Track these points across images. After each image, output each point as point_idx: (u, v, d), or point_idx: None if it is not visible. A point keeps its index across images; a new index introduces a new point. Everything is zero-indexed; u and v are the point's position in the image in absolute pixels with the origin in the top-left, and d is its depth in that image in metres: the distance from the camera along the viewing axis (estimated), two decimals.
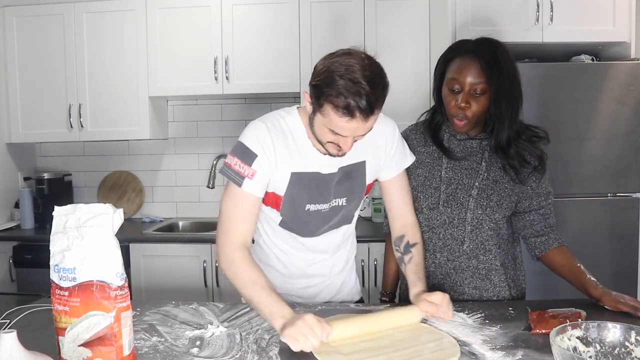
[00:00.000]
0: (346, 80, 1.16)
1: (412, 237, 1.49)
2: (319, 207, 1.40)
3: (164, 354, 1.14)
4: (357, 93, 1.15)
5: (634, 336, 1.03)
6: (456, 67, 1.44)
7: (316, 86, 1.21)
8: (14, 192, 3.22)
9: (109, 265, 0.97)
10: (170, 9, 2.97)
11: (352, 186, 1.43)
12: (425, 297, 1.31)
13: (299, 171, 1.35)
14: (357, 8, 2.90)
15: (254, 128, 1.35)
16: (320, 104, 1.21)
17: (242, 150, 1.33)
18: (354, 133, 1.22)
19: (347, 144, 1.25)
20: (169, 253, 2.81)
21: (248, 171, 1.31)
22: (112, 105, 3.05)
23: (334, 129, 1.22)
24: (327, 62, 1.21)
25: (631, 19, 2.50)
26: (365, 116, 1.18)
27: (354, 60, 1.19)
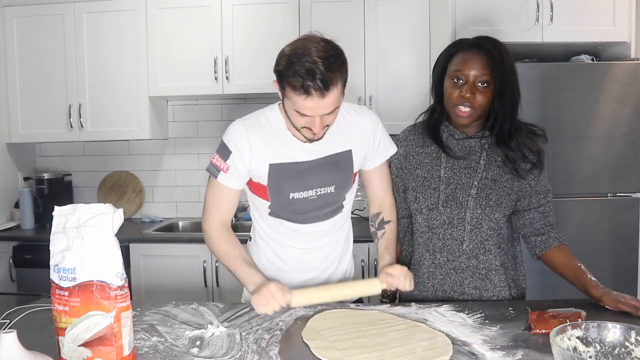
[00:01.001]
0: (301, 62, 1.25)
1: (387, 215, 1.59)
2: (304, 194, 1.46)
3: (164, 354, 1.14)
4: (311, 72, 1.23)
5: (634, 336, 1.03)
6: (460, 60, 1.46)
7: (278, 72, 1.31)
8: (14, 192, 3.22)
9: (109, 265, 0.97)
10: (170, 9, 2.97)
11: (340, 174, 1.49)
12: (385, 269, 1.45)
13: (277, 162, 1.44)
14: (357, 8, 2.90)
15: (233, 127, 1.49)
16: (284, 88, 1.30)
17: (221, 147, 1.47)
18: (317, 112, 1.29)
19: (315, 124, 1.31)
20: (169, 253, 2.81)
21: (223, 165, 1.45)
22: (112, 105, 3.04)
23: (298, 109, 1.29)
24: (286, 49, 1.32)
25: (631, 19, 2.50)
26: (322, 93, 1.25)
27: (310, 44, 1.28)
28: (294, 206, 1.48)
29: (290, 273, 1.56)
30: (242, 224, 3.21)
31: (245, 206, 3.29)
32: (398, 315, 1.36)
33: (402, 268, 1.44)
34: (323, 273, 1.59)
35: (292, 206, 1.48)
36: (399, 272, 1.42)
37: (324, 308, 1.42)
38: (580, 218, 2.46)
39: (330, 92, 1.26)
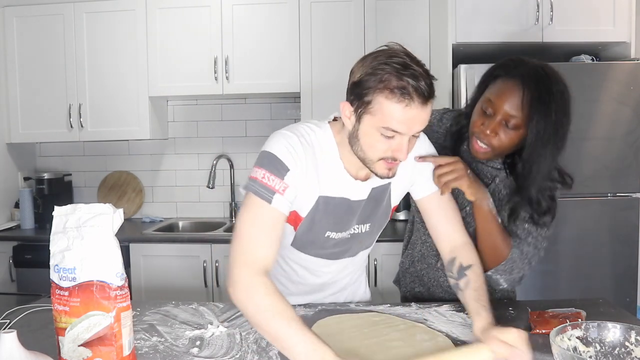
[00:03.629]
0: (395, 65, 1.04)
1: (465, 258, 1.28)
2: (339, 235, 1.28)
3: (164, 354, 1.14)
4: (412, 74, 1.03)
5: (634, 336, 1.03)
6: (497, 89, 1.25)
7: (359, 83, 1.08)
8: (14, 192, 3.22)
9: (109, 265, 0.97)
10: (170, 9, 2.97)
11: (377, 211, 1.31)
12: (496, 334, 1.04)
13: (327, 195, 1.21)
14: (357, 8, 2.89)
15: (285, 137, 1.17)
16: (368, 101, 1.06)
17: (272, 162, 1.14)
18: (411, 127, 1.06)
19: (403, 147, 1.08)
20: (169, 253, 2.81)
21: (279, 185, 1.13)
22: (112, 105, 3.04)
23: (389, 124, 1.05)
24: (366, 59, 1.10)
25: (631, 19, 2.50)
26: (424, 100, 1.04)
27: (397, 50, 1.09)
28: (323, 244, 1.29)
29: (304, 295, 1.42)
30: None
31: None
32: (398, 316, 1.36)
33: (519, 333, 1.03)
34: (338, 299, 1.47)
35: (321, 244, 1.29)
36: (515, 340, 1.02)
37: (324, 310, 1.42)
38: (580, 218, 2.46)
39: (430, 102, 1.06)
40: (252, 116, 3.31)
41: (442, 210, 1.33)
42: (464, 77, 2.40)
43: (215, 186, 3.12)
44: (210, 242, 2.79)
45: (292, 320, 1.01)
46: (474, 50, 2.58)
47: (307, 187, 1.19)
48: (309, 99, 2.93)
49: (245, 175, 3.32)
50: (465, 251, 1.31)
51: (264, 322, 1.04)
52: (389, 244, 2.69)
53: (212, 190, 3.22)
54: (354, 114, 1.11)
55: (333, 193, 1.22)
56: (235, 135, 3.33)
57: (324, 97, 2.92)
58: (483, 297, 1.20)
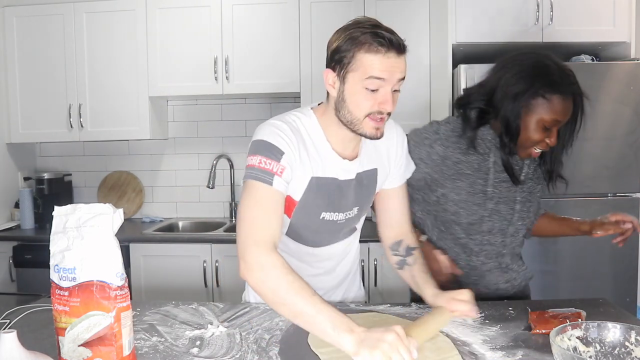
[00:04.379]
0: (368, 25, 1.16)
1: (411, 241, 1.45)
2: (335, 216, 1.33)
3: (164, 354, 1.14)
4: (385, 29, 1.15)
5: (634, 336, 1.03)
6: (559, 107, 1.33)
7: (337, 49, 1.18)
8: (14, 192, 3.22)
9: (109, 265, 0.97)
10: (170, 9, 2.97)
11: (364, 194, 1.38)
12: (453, 296, 1.24)
13: (319, 176, 1.26)
14: (357, 8, 2.90)
15: (273, 125, 1.23)
16: (349, 61, 1.16)
17: (267, 148, 1.20)
18: (392, 73, 1.15)
19: (387, 98, 1.16)
20: (169, 253, 2.81)
21: (277, 167, 1.18)
22: (112, 105, 3.04)
23: (370, 73, 1.14)
24: (339, 30, 1.20)
25: (631, 19, 2.50)
26: (399, 50, 1.15)
27: (362, 18, 1.20)
28: (319, 227, 1.33)
29: None
30: None
31: None
32: (397, 316, 1.36)
33: (469, 292, 1.25)
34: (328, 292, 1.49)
35: (317, 227, 1.33)
36: (469, 297, 1.23)
37: None
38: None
39: (404, 54, 1.17)
40: (252, 116, 3.31)
41: (402, 202, 1.46)
42: (464, 77, 2.40)
43: (215, 186, 3.12)
44: (210, 242, 2.79)
45: (313, 296, 1.03)
46: (474, 50, 2.58)
47: (299, 169, 1.24)
48: (309, 99, 2.93)
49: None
50: (411, 237, 1.46)
51: (284, 299, 1.05)
52: None
53: (212, 190, 3.22)
54: (337, 78, 1.20)
55: (323, 173, 1.27)
56: (235, 135, 3.33)
57: (324, 97, 2.91)
58: (428, 271, 1.39)
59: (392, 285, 2.69)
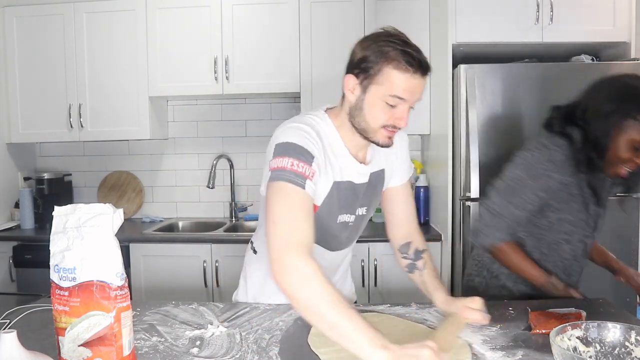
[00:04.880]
0: (399, 42, 1.17)
1: (419, 244, 1.47)
2: (347, 217, 1.36)
3: (164, 354, 1.14)
4: (414, 49, 1.17)
5: (634, 336, 1.03)
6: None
7: (365, 58, 1.18)
8: (14, 192, 3.22)
9: (109, 265, 0.97)
10: (170, 9, 2.97)
11: (372, 194, 1.41)
12: (467, 303, 1.26)
13: (339, 180, 1.29)
14: (357, 8, 2.90)
15: (300, 128, 1.21)
16: (375, 73, 1.17)
17: (298, 150, 1.17)
18: (413, 94, 1.18)
19: (404, 115, 1.19)
20: (169, 253, 2.81)
21: (309, 171, 1.16)
22: (112, 105, 3.04)
23: (395, 92, 1.16)
24: (368, 38, 1.22)
25: (631, 19, 2.50)
26: (424, 72, 1.17)
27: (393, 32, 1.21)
28: (334, 230, 1.35)
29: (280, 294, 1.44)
30: (241, 225, 3.21)
31: (246, 206, 3.30)
32: (397, 316, 1.36)
33: (480, 300, 1.27)
34: None
35: (332, 230, 1.35)
36: (482, 305, 1.26)
37: None
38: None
39: (427, 75, 1.19)
40: (252, 116, 3.31)
41: (407, 200, 1.49)
42: (464, 77, 2.40)
43: (215, 186, 3.12)
44: (210, 242, 2.79)
45: (349, 309, 1.00)
46: (474, 50, 2.58)
47: (323, 174, 1.24)
48: (309, 99, 2.93)
49: (245, 175, 3.33)
50: (419, 238, 1.48)
51: (320, 309, 1.01)
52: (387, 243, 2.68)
53: (212, 190, 3.22)
54: (359, 86, 1.21)
55: (342, 177, 1.30)
56: (235, 135, 3.33)
57: (324, 97, 2.92)
58: (438, 276, 1.42)
59: (392, 285, 2.69)
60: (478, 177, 2.39)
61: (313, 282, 1.03)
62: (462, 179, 2.44)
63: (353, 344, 0.97)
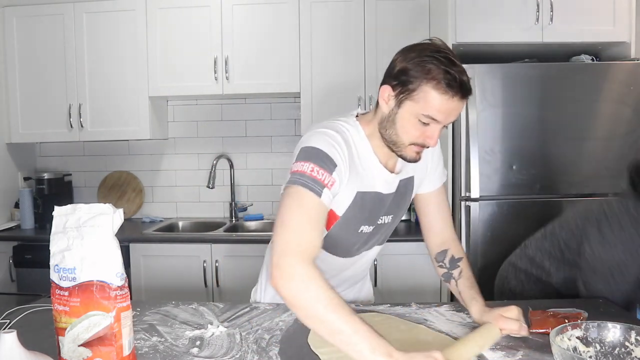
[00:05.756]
0: (443, 59, 1.10)
1: (456, 251, 1.40)
2: (368, 228, 1.32)
3: (164, 354, 1.14)
4: (458, 70, 1.10)
5: (634, 336, 1.03)
6: None
7: (404, 70, 1.13)
8: (14, 192, 3.22)
9: (109, 265, 0.97)
10: (170, 9, 2.97)
11: (400, 203, 1.36)
12: (501, 313, 1.18)
13: (364, 190, 1.24)
14: (357, 8, 2.89)
15: (327, 134, 1.18)
16: (413, 89, 1.12)
17: (320, 157, 1.14)
18: (448, 117, 1.14)
19: (435, 135, 1.16)
20: (169, 253, 2.81)
21: (328, 180, 1.13)
22: (112, 105, 3.04)
23: (429, 112, 1.12)
24: (411, 49, 1.16)
25: (631, 19, 2.50)
26: (464, 94, 1.12)
27: (441, 46, 1.15)
28: (355, 239, 1.32)
29: None
30: (241, 225, 3.21)
31: (246, 206, 3.30)
32: (397, 316, 1.36)
33: (518, 309, 1.20)
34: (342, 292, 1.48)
35: (354, 239, 1.32)
36: (518, 314, 1.18)
37: None
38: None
39: (468, 97, 1.15)
40: (252, 116, 3.31)
41: (440, 206, 1.43)
42: None
43: (215, 186, 3.12)
44: (210, 242, 2.78)
45: (352, 315, 0.98)
46: (474, 50, 2.58)
47: (347, 183, 1.20)
48: (309, 99, 2.93)
49: (245, 175, 3.33)
50: (455, 245, 1.41)
51: (321, 315, 0.99)
52: (390, 243, 2.67)
53: (212, 190, 3.22)
54: (395, 98, 1.17)
55: (368, 188, 1.25)
56: (235, 135, 3.33)
57: (324, 97, 2.92)
58: (475, 285, 1.32)
59: (392, 285, 2.69)
60: (478, 177, 2.40)
61: (314, 287, 1.01)
62: (462, 179, 2.44)
63: (355, 350, 0.95)
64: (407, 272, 2.66)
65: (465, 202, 2.44)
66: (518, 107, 2.41)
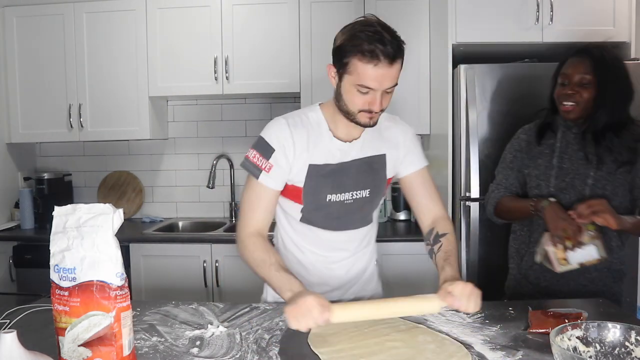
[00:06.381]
0: (367, 32, 1.24)
1: (441, 227, 1.45)
2: (340, 197, 1.43)
3: (164, 354, 1.14)
4: (379, 40, 1.23)
5: (634, 336, 1.03)
6: (567, 65, 1.65)
7: (339, 47, 1.28)
8: (14, 192, 3.22)
9: (109, 265, 0.97)
10: (170, 9, 2.97)
11: (374, 178, 1.46)
12: (445, 285, 1.20)
13: (317, 163, 1.40)
14: (357, 8, 2.90)
15: (275, 123, 1.41)
16: (346, 63, 1.27)
17: (262, 145, 1.40)
18: (381, 83, 1.26)
19: (376, 101, 1.28)
20: (169, 253, 2.81)
21: (265, 164, 1.38)
22: (112, 105, 3.04)
23: (362, 82, 1.25)
24: (346, 27, 1.31)
25: (631, 19, 2.50)
26: (390, 60, 1.24)
27: (371, 20, 1.30)
28: (329, 209, 1.43)
29: (315, 286, 1.46)
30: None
31: None
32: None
33: (465, 286, 1.19)
34: (347, 292, 1.55)
35: (327, 209, 1.43)
36: (461, 291, 1.18)
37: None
38: None
39: (397, 62, 1.26)
40: (252, 116, 3.31)
41: (425, 185, 1.51)
42: (464, 77, 2.40)
43: (215, 186, 3.12)
44: (210, 242, 2.79)
45: (272, 265, 1.29)
46: (474, 50, 2.58)
47: (298, 160, 1.39)
48: (309, 99, 2.93)
49: (245, 175, 3.31)
50: (443, 222, 1.47)
51: (255, 269, 1.34)
52: (389, 243, 2.69)
53: (212, 190, 3.22)
54: (337, 74, 1.32)
55: (323, 160, 1.41)
56: (235, 135, 3.33)
57: (324, 97, 2.90)
58: (451, 257, 1.36)
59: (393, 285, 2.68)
60: (478, 177, 2.39)
61: (249, 251, 1.35)
62: (462, 179, 2.44)
63: (277, 292, 1.27)
64: (407, 272, 2.65)
65: (465, 202, 2.44)
66: (518, 107, 2.41)
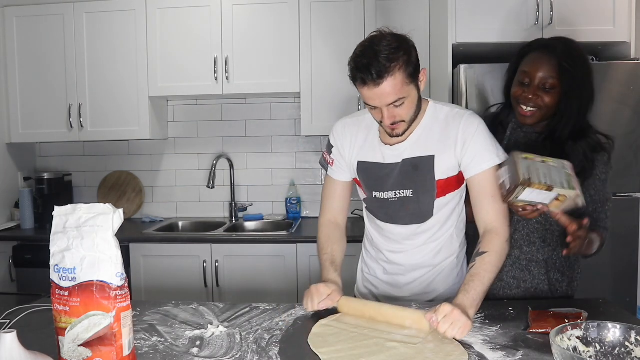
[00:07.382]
0: (356, 57, 1.32)
1: (484, 244, 1.38)
2: (383, 195, 1.51)
3: (164, 354, 1.14)
4: (363, 64, 1.29)
5: (634, 336, 1.03)
6: (529, 61, 1.49)
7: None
8: (14, 192, 3.22)
9: (109, 265, 0.97)
10: (170, 9, 2.97)
11: (418, 179, 1.46)
12: (435, 308, 1.23)
13: (364, 160, 1.53)
14: (357, 8, 2.90)
15: (337, 123, 1.62)
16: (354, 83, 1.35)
17: (327, 143, 1.63)
18: (380, 101, 1.32)
19: (383, 116, 1.35)
20: (169, 253, 2.81)
21: (330, 159, 1.61)
22: (112, 105, 3.05)
23: (365, 100, 1.36)
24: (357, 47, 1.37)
25: (631, 19, 2.49)
26: (374, 82, 1.29)
27: (373, 37, 1.34)
28: (376, 203, 1.55)
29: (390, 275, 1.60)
30: (241, 225, 3.21)
31: (246, 206, 3.30)
32: None
33: (452, 310, 1.20)
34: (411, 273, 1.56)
35: (377, 203, 1.54)
36: (442, 312, 1.20)
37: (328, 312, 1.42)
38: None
39: (385, 80, 1.28)
40: (252, 116, 3.31)
41: (481, 193, 1.42)
42: (463, 77, 2.40)
43: (215, 186, 3.12)
44: (210, 242, 2.78)
45: (326, 254, 1.54)
46: (474, 50, 2.58)
47: (350, 157, 1.56)
48: (309, 99, 2.93)
49: (245, 175, 3.33)
50: (489, 237, 1.39)
51: (318, 252, 1.58)
52: None
53: (212, 190, 3.22)
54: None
55: (369, 158, 1.53)
56: (235, 135, 3.33)
57: (324, 97, 2.92)
58: (473, 282, 1.31)
59: None
60: None
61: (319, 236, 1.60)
62: None
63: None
64: None
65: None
66: None
